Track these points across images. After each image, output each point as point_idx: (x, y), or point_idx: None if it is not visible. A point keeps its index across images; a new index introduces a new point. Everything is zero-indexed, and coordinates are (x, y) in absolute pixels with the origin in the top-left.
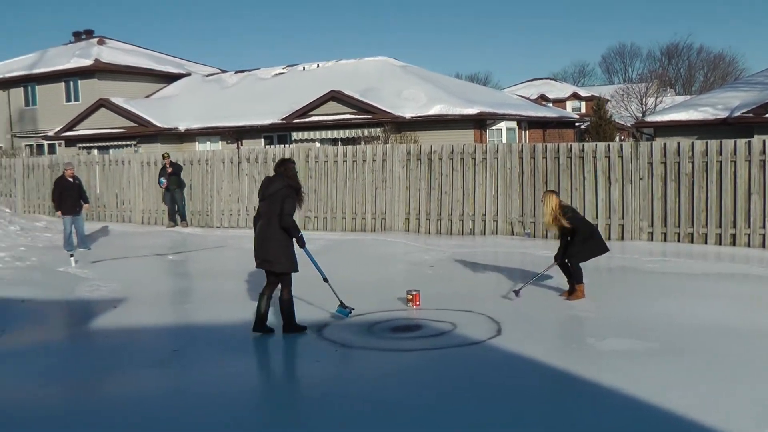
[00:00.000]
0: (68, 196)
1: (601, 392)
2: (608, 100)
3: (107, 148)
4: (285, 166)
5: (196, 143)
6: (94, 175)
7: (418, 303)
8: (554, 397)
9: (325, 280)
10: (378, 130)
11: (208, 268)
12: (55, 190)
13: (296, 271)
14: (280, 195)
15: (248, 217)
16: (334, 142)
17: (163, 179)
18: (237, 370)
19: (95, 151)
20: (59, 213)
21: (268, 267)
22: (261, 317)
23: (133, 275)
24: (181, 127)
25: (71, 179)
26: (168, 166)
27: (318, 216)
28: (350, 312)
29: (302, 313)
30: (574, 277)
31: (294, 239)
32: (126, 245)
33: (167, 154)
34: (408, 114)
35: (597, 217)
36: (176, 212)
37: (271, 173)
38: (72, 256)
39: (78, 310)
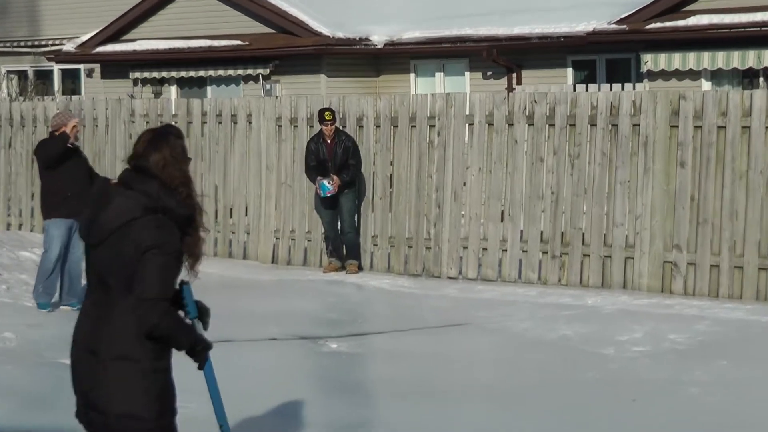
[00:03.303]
0: (63, 181)
1: None
2: None
3: (200, 83)
4: (157, 149)
5: (411, 76)
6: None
7: None
8: None
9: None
10: None
11: (421, 378)
12: (42, 166)
13: None
14: (135, 235)
15: (526, 255)
16: (754, 77)
17: (327, 184)
18: None
19: (173, 90)
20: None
21: (98, 426)
22: None
23: (243, 388)
24: (377, 38)
25: (71, 145)
26: (330, 136)
27: (697, 261)
28: None
29: None
30: None
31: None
32: (232, 310)
33: (329, 111)
34: None
35: None
36: (339, 237)
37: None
38: None
39: None
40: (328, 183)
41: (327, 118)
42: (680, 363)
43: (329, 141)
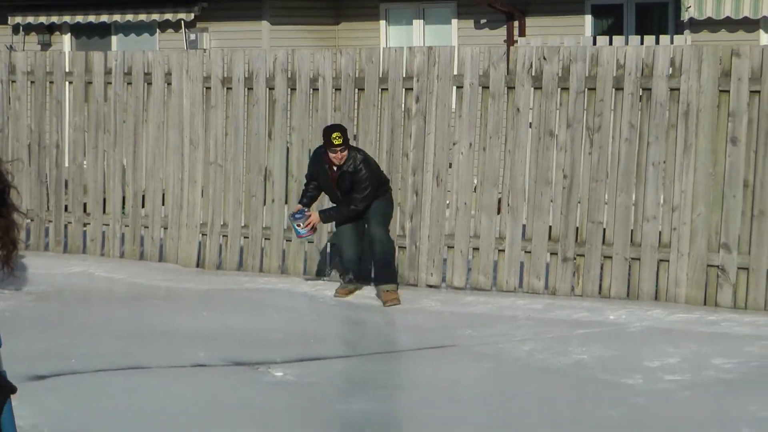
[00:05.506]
0: None
1: None
2: None
3: (103, 31)
4: None
5: (381, 23)
6: (59, 114)
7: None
8: None
9: None
10: None
11: (390, 417)
12: None
13: None
14: None
15: (529, 257)
16: None
17: (299, 226)
18: None
19: (66, 39)
20: None
21: None
22: None
23: (158, 429)
24: None
25: None
26: (339, 160)
27: (751, 265)
28: None
29: None
30: None
31: None
32: (144, 329)
33: (339, 132)
34: None
35: None
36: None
37: None
38: None
39: None
40: (302, 223)
41: (336, 142)
42: (728, 396)
43: (335, 168)
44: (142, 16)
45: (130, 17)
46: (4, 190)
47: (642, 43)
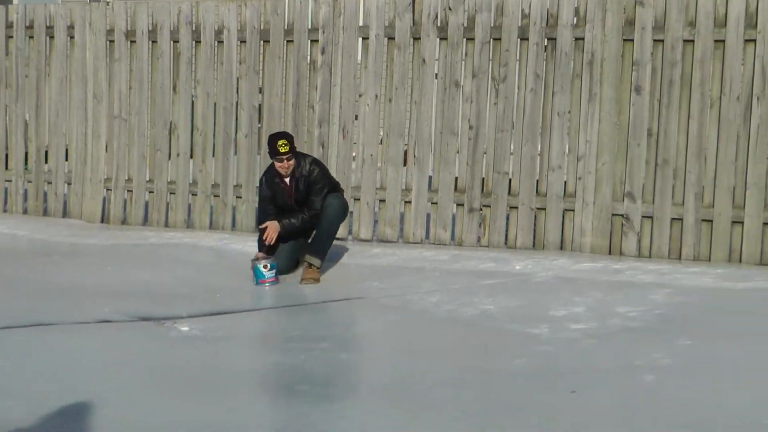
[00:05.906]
0: None
1: None
2: None
3: None
4: None
5: None
6: None
7: None
8: None
9: None
10: None
11: (297, 370)
12: None
13: None
14: None
15: (435, 208)
16: None
17: (263, 269)
18: None
19: None
20: None
21: None
22: None
23: (60, 387)
24: None
25: None
26: (286, 169)
27: (655, 214)
28: None
29: None
30: None
31: None
32: (48, 285)
33: (285, 139)
34: None
35: None
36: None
37: None
38: None
39: None
40: (265, 267)
41: (282, 150)
42: (633, 344)
43: (287, 180)
44: None
45: None
46: None
47: None
